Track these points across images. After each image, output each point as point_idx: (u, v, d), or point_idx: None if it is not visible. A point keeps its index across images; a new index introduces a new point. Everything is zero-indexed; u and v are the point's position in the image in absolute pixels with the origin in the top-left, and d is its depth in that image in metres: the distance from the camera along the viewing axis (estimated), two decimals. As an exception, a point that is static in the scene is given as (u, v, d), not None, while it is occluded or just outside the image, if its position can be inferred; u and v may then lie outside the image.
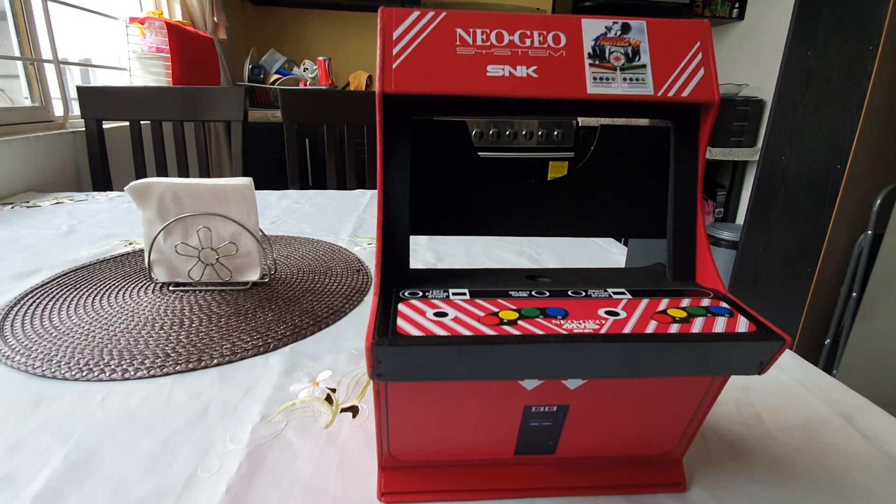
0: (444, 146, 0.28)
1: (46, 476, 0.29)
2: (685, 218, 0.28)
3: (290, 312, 0.50)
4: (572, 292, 0.26)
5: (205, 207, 0.53)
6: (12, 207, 0.92)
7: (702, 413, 0.28)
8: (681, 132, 0.29)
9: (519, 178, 0.28)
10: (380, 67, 0.25)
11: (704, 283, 0.28)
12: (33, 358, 0.41)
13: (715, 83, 0.27)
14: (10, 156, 1.05)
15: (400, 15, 0.26)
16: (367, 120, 1.32)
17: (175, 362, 0.41)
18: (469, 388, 0.25)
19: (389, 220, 0.26)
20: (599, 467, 0.30)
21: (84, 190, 1.26)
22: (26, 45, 1.29)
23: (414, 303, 0.24)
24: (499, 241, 0.76)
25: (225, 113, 1.26)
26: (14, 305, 0.50)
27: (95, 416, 0.34)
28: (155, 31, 1.56)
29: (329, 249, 0.70)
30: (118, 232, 0.77)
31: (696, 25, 0.27)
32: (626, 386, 0.26)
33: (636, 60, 0.26)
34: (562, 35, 0.26)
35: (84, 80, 1.71)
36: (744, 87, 2.40)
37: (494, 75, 0.25)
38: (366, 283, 0.58)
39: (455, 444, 0.29)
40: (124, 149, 1.27)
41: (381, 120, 0.26)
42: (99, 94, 1.21)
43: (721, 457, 0.32)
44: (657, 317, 0.23)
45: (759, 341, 0.22)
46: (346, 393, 0.38)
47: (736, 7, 2.53)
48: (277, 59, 2.35)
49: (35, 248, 0.68)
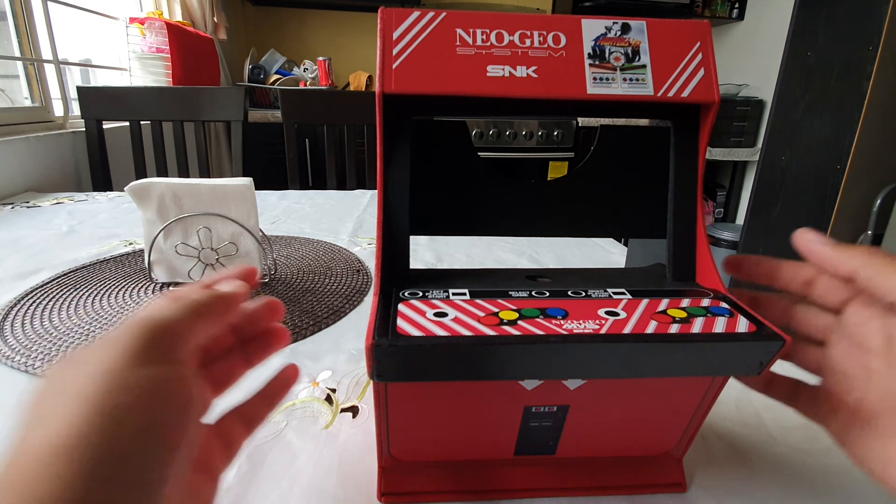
0: (444, 146, 0.28)
1: (46, 476, 0.29)
2: (685, 218, 0.28)
3: (289, 312, 0.50)
4: (572, 292, 0.26)
5: (205, 208, 0.53)
6: (12, 207, 0.92)
7: (702, 413, 0.28)
8: (681, 132, 0.29)
9: (519, 178, 0.28)
10: (380, 67, 0.25)
11: (704, 283, 0.28)
12: (33, 358, 0.41)
13: (715, 83, 0.27)
14: (10, 156, 1.05)
15: (400, 15, 0.26)
16: (367, 120, 1.32)
17: (175, 362, 0.41)
18: (469, 389, 0.25)
19: (389, 219, 0.26)
20: (599, 467, 0.30)
21: (84, 190, 1.26)
22: (26, 46, 1.29)
23: (414, 303, 0.24)
24: (499, 241, 0.76)
25: (225, 113, 1.26)
26: (14, 305, 0.50)
27: (95, 417, 0.34)
28: (155, 31, 1.56)
29: (329, 250, 0.70)
30: (118, 232, 0.77)
31: (696, 26, 0.27)
32: (626, 386, 0.26)
33: (636, 61, 0.26)
34: (562, 35, 0.26)
35: (84, 81, 1.71)
36: (743, 87, 2.40)
37: (494, 75, 0.25)
38: (366, 283, 0.58)
39: (455, 444, 0.29)
40: (124, 149, 1.27)
41: (381, 120, 0.26)
42: (99, 95, 1.21)
43: (721, 457, 0.32)
44: (657, 317, 0.23)
45: (759, 341, 0.22)
46: (346, 393, 0.38)
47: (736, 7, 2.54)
48: (277, 59, 2.35)
49: (35, 249, 0.68)
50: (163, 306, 0.20)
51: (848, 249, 0.23)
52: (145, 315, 0.19)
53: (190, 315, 0.20)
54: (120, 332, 0.18)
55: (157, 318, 0.19)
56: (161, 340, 0.18)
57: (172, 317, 0.19)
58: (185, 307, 0.20)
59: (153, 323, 0.19)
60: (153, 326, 0.19)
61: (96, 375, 0.17)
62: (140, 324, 0.18)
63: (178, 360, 0.19)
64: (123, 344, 0.18)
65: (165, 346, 0.19)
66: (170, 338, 0.19)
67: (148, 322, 0.19)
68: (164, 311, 0.19)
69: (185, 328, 0.20)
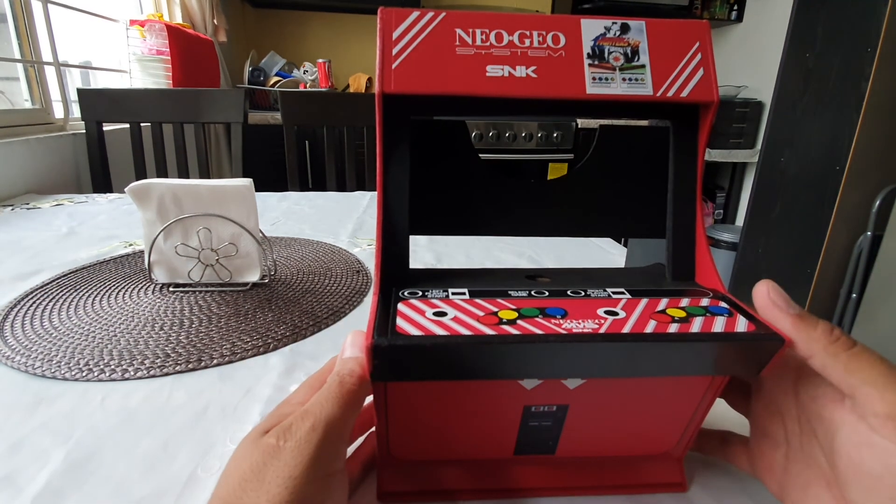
0: (443, 146, 0.28)
1: (47, 476, 0.29)
2: (684, 218, 0.29)
3: (289, 313, 0.50)
4: (571, 292, 0.26)
5: (205, 208, 0.53)
6: (12, 209, 0.92)
7: (701, 413, 0.28)
8: (680, 132, 0.29)
9: (518, 177, 0.29)
10: (379, 67, 0.25)
11: (704, 283, 0.28)
12: (33, 358, 0.41)
13: (714, 83, 0.27)
14: (10, 158, 1.06)
15: (399, 15, 0.26)
16: (366, 122, 1.32)
17: (175, 362, 0.41)
18: (469, 388, 0.25)
19: (389, 219, 0.27)
20: (599, 467, 0.30)
21: (84, 192, 1.26)
22: (27, 48, 1.29)
23: (413, 302, 0.24)
24: (498, 242, 0.76)
25: (225, 115, 1.26)
26: (14, 306, 0.50)
27: (95, 417, 0.34)
28: (155, 33, 1.56)
29: (329, 251, 0.70)
30: (118, 233, 0.77)
31: (695, 26, 0.27)
32: (625, 386, 0.26)
33: (635, 61, 0.26)
34: (561, 35, 0.26)
35: (84, 83, 1.71)
36: (743, 88, 2.40)
37: (494, 75, 0.25)
38: (365, 284, 0.58)
39: (455, 443, 0.29)
40: (124, 151, 1.27)
41: (381, 120, 0.26)
42: (99, 97, 1.21)
43: (721, 457, 0.32)
44: (656, 316, 0.23)
45: (758, 341, 0.22)
46: (345, 393, 0.38)
47: (734, 9, 2.54)
48: (277, 61, 2.35)
49: (35, 250, 0.68)
50: (325, 405, 0.22)
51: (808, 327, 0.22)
52: (318, 417, 0.21)
53: (348, 411, 0.22)
54: (298, 437, 0.21)
55: (327, 419, 0.21)
56: (331, 448, 0.21)
57: (337, 416, 0.22)
58: (345, 402, 0.22)
59: (326, 427, 0.21)
60: (327, 431, 0.21)
61: (280, 481, 0.20)
62: (315, 429, 0.21)
63: (338, 470, 0.22)
64: (304, 453, 0.20)
65: (333, 453, 0.22)
66: (335, 444, 0.22)
67: (322, 427, 0.21)
68: (331, 411, 0.22)
69: (346, 427, 0.22)
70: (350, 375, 0.23)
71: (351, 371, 0.24)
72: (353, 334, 0.26)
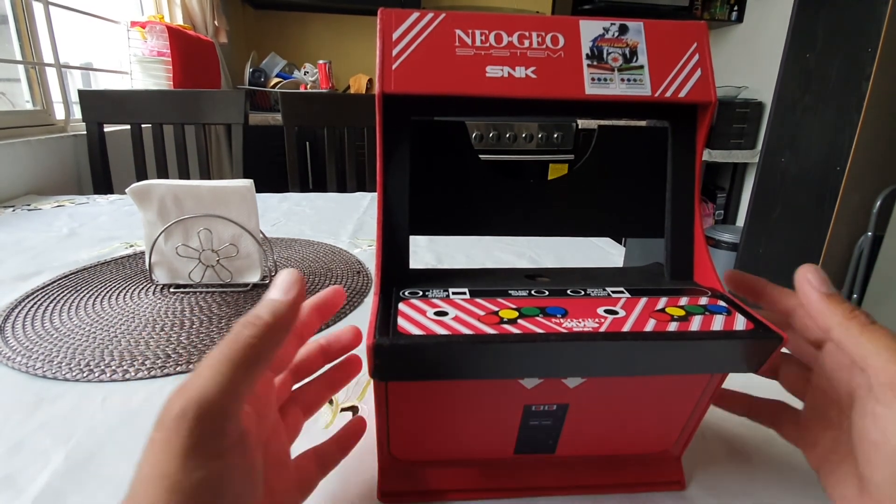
0: (443, 146, 0.28)
1: (47, 476, 0.29)
2: (683, 217, 0.29)
3: (290, 314, 0.50)
4: (571, 291, 0.26)
5: (205, 209, 0.53)
6: (13, 210, 0.92)
7: (700, 411, 0.28)
8: (678, 132, 0.29)
9: (518, 178, 0.29)
10: (379, 68, 0.25)
11: (702, 282, 0.28)
12: (34, 359, 0.41)
13: (712, 84, 0.27)
14: (11, 159, 1.06)
15: (399, 16, 0.26)
16: (367, 123, 1.32)
17: (175, 363, 0.41)
18: (469, 388, 0.26)
19: (389, 219, 0.27)
20: (599, 466, 0.30)
21: (85, 193, 1.26)
22: (28, 49, 1.30)
23: (414, 302, 0.24)
24: (498, 242, 0.76)
25: (225, 116, 1.27)
26: (15, 307, 0.50)
27: (96, 417, 0.35)
28: (156, 34, 1.56)
29: (329, 251, 0.70)
30: (119, 234, 0.77)
31: (692, 26, 0.27)
32: (624, 384, 0.26)
33: (634, 61, 0.27)
34: (560, 36, 0.26)
35: (85, 84, 1.72)
36: (743, 89, 2.40)
37: (493, 76, 0.25)
38: (366, 284, 0.58)
39: (455, 443, 0.29)
40: (125, 152, 1.27)
41: (381, 120, 0.26)
42: (100, 98, 1.22)
43: (720, 456, 0.32)
44: (656, 315, 0.23)
45: (756, 339, 0.22)
46: (345, 393, 0.38)
47: (735, 9, 2.54)
48: (278, 62, 2.36)
49: (36, 251, 0.68)
50: (205, 375, 0.18)
51: (832, 303, 0.23)
52: (189, 397, 0.18)
53: (234, 378, 0.18)
54: (168, 425, 0.17)
55: (200, 399, 0.18)
56: (208, 432, 0.18)
57: (215, 391, 0.18)
58: (236, 363, 0.19)
59: (198, 409, 0.17)
60: (198, 414, 0.17)
61: (155, 480, 0.17)
62: (184, 415, 0.17)
63: (227, 449, 0.18)
64: (174, 445, 0.17)
65: (213, 436, 0.18)
66: (216, 424, 0.18)
67: (192, 410, 0.17)
68: (207, 385, 0.18)
69: (231, 400, 0.18)
70: (248, 326, 0.20)
71: (256, 317, 0.20)
72: (287, 271, 0.23)
